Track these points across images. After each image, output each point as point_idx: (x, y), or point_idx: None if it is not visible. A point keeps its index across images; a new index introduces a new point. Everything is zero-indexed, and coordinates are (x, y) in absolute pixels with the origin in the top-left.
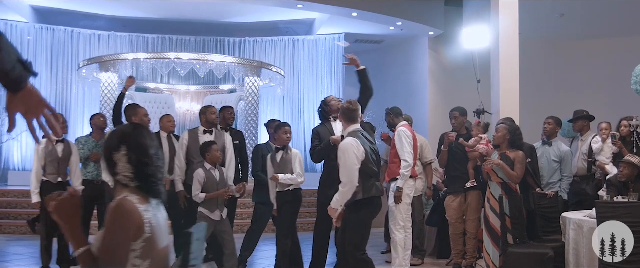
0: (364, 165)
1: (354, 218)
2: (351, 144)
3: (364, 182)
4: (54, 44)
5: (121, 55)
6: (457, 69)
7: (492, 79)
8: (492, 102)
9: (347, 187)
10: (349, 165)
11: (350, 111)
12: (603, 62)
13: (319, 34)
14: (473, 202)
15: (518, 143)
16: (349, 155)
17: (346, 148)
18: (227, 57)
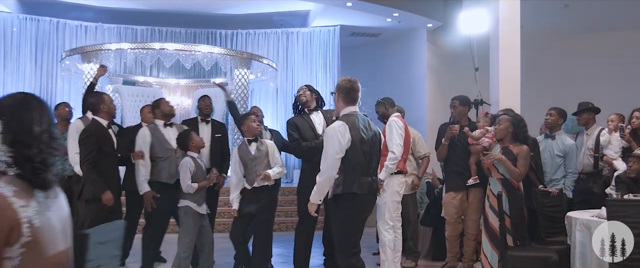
0: (350, 155)
1: (334, 215)
2: (336, 129)
3: (346, 174)
4: (38, 35)
5: (104, 45)
6: (456, 62)
7: (491, 67)
8: (490, 91)
9: (323, 176)
10: (330, 152)
11: (349, 90)
12: (608, 55)
13: (314, 26)
14: (474, 200)
15: (522, 137)
16: (332, 142)
17: (330, 134)
18: (215, 48)
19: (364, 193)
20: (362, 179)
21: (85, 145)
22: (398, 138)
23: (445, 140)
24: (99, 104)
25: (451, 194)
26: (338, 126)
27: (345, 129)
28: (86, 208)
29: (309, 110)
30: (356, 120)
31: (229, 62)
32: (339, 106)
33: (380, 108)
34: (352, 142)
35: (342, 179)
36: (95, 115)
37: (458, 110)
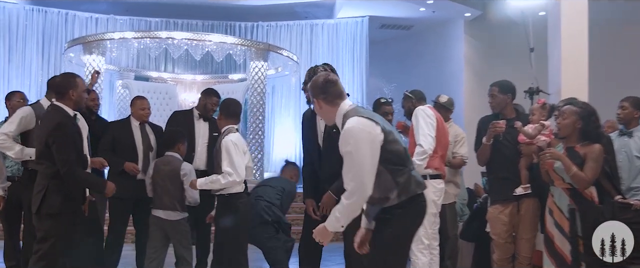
0: (388, 149)
1: (385, 235)
2: (363, 129)
3: (394, 175)
4: (45, 28)
5: (106, 35)
6: (498, 54)
7: (550, 48)
8: (549, 78)
9: (353, 197)
10: (363, 163)
11: (324, 86)
12: None
13: (340, 17)
14: (528, 214)
15: (594, 134)
16: (361, 148)
17: (355, 137)
18: (228, 37)
19: (421, 193)
20: (414, 174)
21: (63, 145)
22: (427, 128)
23: (487, 139)
24: (68, 88)
25: (497, 208)
26: (361, 124)
27: (372, 124)
28: (50, 224)
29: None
30: (366, 110)
31: (244, 54)
32: (326, 111)
33: (407, 103)
34: (384, 134)
35: (391, 184)
36: (60, 100)
37: (497, 100)
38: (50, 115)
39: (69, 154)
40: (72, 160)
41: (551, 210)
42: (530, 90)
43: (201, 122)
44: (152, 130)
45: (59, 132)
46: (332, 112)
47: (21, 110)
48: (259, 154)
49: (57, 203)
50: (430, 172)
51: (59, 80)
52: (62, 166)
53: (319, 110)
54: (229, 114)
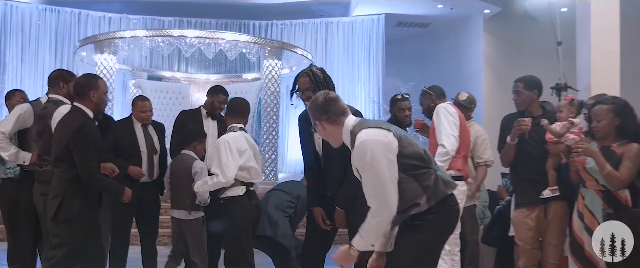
0: (406, 154)
1: (414, 243)
2: (373, 139)
3: (420, 180)
4: (58, 27)
5: (118, 33)
6: (519, 53)
7: (579, 43)
8: (578, 75)
9: (379, 215)
10: (378, 173)
11: (326, 106)
12: None
13: (356, 15)
14: (556, 218)
15: (632, 131)
16: (379, 165)
17: (368, 147)
18: (241, 36)
19: (451, 195)
20: (440, 175)
21: (86, 149)
22: (450, 128)
23: (512, 139)
24: (89, 89)
25: (523, 211)
26: (372, 135)
27: (384, 132)
28: (67, 231)
29: None
30: (371, 121)
31: (258, 52)
32: (331, 132)
33: (426, 100)
34: (399, 140)
35: (418, 190)
36: (80, 101)
37: (523, 97)
38: (71, 118)
39: (92, 159)
40: (94, 166)
41: (581, 213)
42: (557, 87)
43: (210, 121)
44: (155, 130)
45: (81, 135)
46: (337, 132)
47: (19, 107)
48: (273, 155)
49: (75, 208)
50: (452, 174)
51: (80, 81)
52: (84, 171)
53: (322, 132)
54: (234, 112)
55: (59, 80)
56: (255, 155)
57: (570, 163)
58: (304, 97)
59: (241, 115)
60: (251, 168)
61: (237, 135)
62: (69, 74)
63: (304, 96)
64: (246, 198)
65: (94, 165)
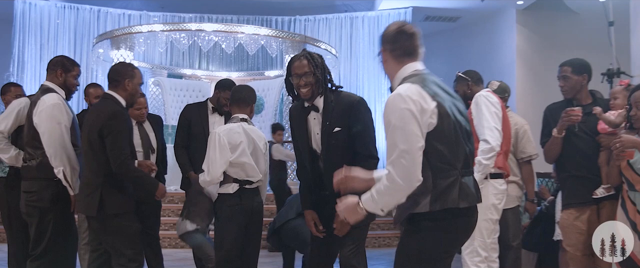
0: (439, 134)
1: (413, 246)
2: (405, 95)
3: (435, 176)
4: (77, 25)
5: (134, 28)
6: (555, 46)
7: (634, 26)
8: (632, 59)
9: (395, 183)
10: (404, 137)
11: (396, 37)
12: None
13: (381, 9)
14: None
15: None
16: (404, 117)
17: (395, 104)
18: (261, 29)
19: (467, 208)
20: (463, 182)
21: (119, 136)
22: (492, 119)
23: (559, 131)
24: (125, 77)
25: (572, 213)
26: (407, 91)
27: (424, 95)
28: (119, 224)
29: (307, 98)
30: (432, 80)
31: (279, 47)
32: (390, 68)
33: (461, 86)
34: (439, 116)
35: (429, 186)
36: (113, 89)
37: (571, 82)
38: (104, 104)
39: (124, 147)
40: (126, 153)
41: (634, 222)
42: (609, 72)
43: (216, 115)
44: (152, 125)
45: (115, 121)
46: (394, 71)
47: (16, 102)
48: None
49: (119, 201)
50: (491, 171)
51: (116, 68)
52: (116, 160)
53: (384, 66)
54: (236, 100)
55: (57, 67)
56: (255, 150)
57: (613, 158)
58: (301, 83)
59: (244, 104)
60: (245, 164)
61: (233, 126)
62: (72, 63)
63: (301, 83)
64: (236, 197)
65: (126, 153)
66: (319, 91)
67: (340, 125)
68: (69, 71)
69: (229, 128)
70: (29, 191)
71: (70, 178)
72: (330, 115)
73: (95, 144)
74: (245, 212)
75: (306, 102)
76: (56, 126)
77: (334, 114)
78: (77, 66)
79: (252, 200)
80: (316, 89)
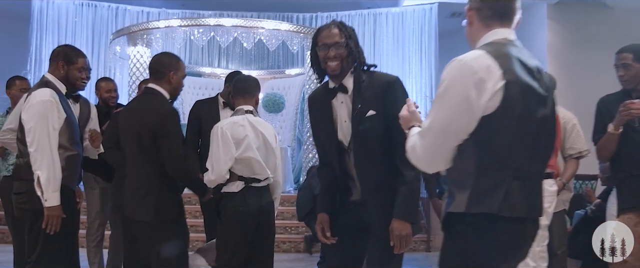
0: (495, 126)
1: (452, 250)
2: (466, 60)
3: (480, 172)
4: (95, 23)
5: (151, 24)
6: (588, 42)
7: None
8: None
9: (419, 155)
10: (447, 103)
11: None
12: None
13: (406, 5)
14: None
15: None
16: (456, 84)
17: (453, 69)
18: (282, 24)
19: (522, 218)
20: (514, 186)
21: (176, 136)
22: None
23: (616, 127)
24: (170, 69)
25: (631, 217)
26: (473, 60)
27: (492, 69)
28: (174, 231)
29: (335, 75)
30: (514, 54)
31: (300, 43)
32: (474, 31)
33: None
34: (503, 100)
35: (470, 181)
36: (156, 82)
37: (633, 71)
38: (151, 101)
39: (180, 149)
40: (183, 156)
41: None
42: None
43: (227, 110)
44: None
45: (171, 121)
46: (478, 36)
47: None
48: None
49: (175, 206)
50: None
51: (159, 58)
52: (173, 162)
53: (467, 30)
54: (239, 91)
55: (58, 59)
56: (263, 144)
57: None
58: (330, 55)
59: (248, 95)
60: (251, 160)
61: (237, 119)
62: (76, 53)
63: (330, 54)
64: (241, 197)
65: (183, 157)
66: (349, 67)
67: (374, 108)
68: (73, 63)
69: (232, 121)
70: (18, 192)
71: (46, 184)
72: (363, 97)
73: (147, 146)
74: (252, 213)
75: (332, 82)
76: (42, 125)
77: (366, 94)
78: (82, 57)
79: (259, 200)
80: (347, 65)
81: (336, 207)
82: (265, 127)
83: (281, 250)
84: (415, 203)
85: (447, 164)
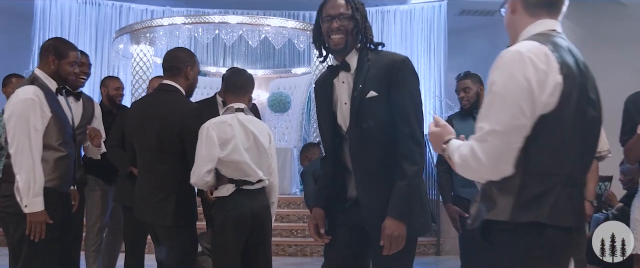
0: (551, 126)
1: (495, 261)
2: (523, 51)
3: (528, 177)
4: (98, 22)
5: (154, 21)
6: (604, 42)
7: None
8: None
9: (483, 160)
10: (508, 100)
11: None
12: None
13: (414, 2)
14: None
15: None
16: (515, 75)
17: (509, 60)
18: (289, 21)
19: (570, 227)
20: (564, 193)
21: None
22: None
23: None
24: (186, 64)
25: None
26: (532, 51)
27: (551, 62)
28: (191, 236)
29: (338, 50)
30: (565, 48)
31: (306, 40)
32: (518, 21)
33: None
34: (562, 98)
35: (515, 186)
36: (172, 78)
37: None
38: (172, 98)
39: None
40: None
41: None
42: None
43: None
44: None
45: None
46: (522, 26)
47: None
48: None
49: (193, 210)
50: None
51: (175, 53)
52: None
53: (508, 18)
54: (230, 87)
55: (48, 53)
56: (255, 145)
57: None
58: (333, 27)
59: (241, 91)
60: (240, 163)
61: (226, 118)
62: (67, 47)
63: (334, 26)
64: (232, 201)
65: None
66: (354, 43)
67: (377, 89)
68: (64, 57)
69: (219, 120)
70: (5, 195)
71: (25, 189)
72: (365, 76)
73: (169, 146)
74: (244, 218)
75: (335, 58)
76: (22, 125)
77: (370, 73)
78: (73, 51)
79: (251, 204)
80: (352, 39)
81: (334, 204)
82: (258, 126)
83: (287, 253)
84: (413, 201)
85: (513, 168)
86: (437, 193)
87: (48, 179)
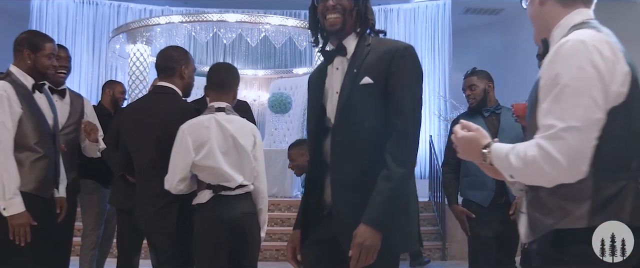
0: (621, 118)
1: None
2: (588, 42)
3: (599, 175)
4: (96, 21)
5: (151, 20)
6: (624, 37)
7: None
8: None
9: (560, 160)
10: (581, 93)
11: None
12: None
13: (418, 1)
14: None
15: None
16: (578, 70)
17: (575, 52)
18: (289, 20)
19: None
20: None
21: None
22: None
23: None
24: (180, 63)
25: None
26: (595, 40)
27: (616, 51)
28: (180, 244)
29: (334, 31)
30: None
31: (307, 39)
32: (548, 14)
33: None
34: (631, 87)
35: (588, 188)
36: (167, 79)
37: None
38: (169, 100)
39: None
40: None
41: None
42: None
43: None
44: None
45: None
46: (557, 18)
47: None
48: None
49: (188, 217)
50: None
51: (168, 52)
52: None
53: (535, 10)
54: (212, 84)
55: (22, 47)
56: (234, 148)
57: None
58: (329, 5)
59: (224, 88)
60: (214, 169)
61: (203, 119)
62: (42, 38)
63: (330, 4)
64: (209, 208)
65: None
66: (353, 26)
67: (372, 76)
68: (39, 49)
69: (195, 122)
70: None
71: (0, 191)
72: (362, 61)
73: (169, 151)
74: (222, 225)
75: (330, 42)
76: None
77: (367, 59)
78: (49, 42)
79: (229, 211)
80: (350, 20)
81: (312, 216)
82: (239, 126)
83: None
84: (397, 210)
85: (586, 169)
86: (442, 195)
87: (23, 183)
